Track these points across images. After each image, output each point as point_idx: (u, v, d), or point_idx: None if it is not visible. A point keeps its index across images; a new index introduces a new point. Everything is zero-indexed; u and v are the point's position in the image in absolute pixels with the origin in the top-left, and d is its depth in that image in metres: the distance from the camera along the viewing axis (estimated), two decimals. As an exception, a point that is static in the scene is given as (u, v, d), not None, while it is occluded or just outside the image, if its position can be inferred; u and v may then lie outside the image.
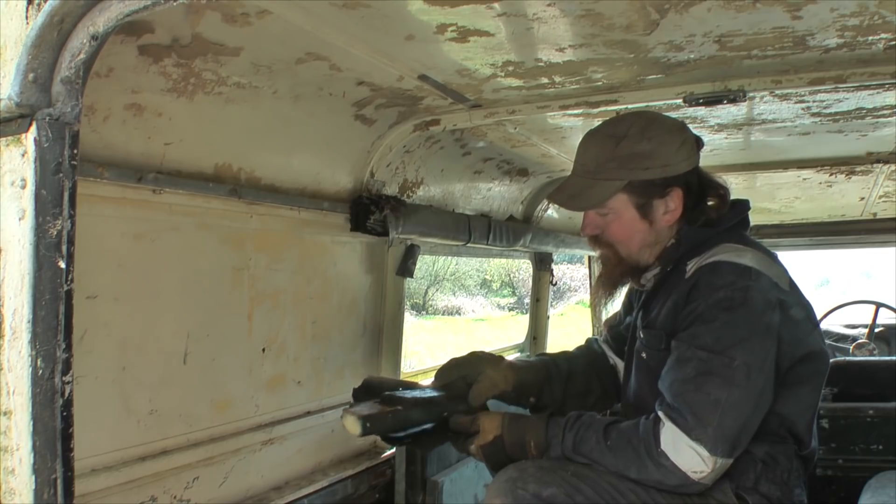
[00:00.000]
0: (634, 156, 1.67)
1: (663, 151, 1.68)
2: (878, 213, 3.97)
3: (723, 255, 1.63)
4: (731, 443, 1.52)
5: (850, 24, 1.42)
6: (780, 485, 1.66)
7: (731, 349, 1.52)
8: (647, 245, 1.76)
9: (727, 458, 1.53)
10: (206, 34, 1.36)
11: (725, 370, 1.51)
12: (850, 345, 4.98)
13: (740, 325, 1.54)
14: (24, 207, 0.96)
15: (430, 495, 2.43)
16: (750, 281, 1.57)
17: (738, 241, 1.68)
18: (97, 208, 1.45)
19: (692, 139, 1.75)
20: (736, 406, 1.51)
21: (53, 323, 0.96)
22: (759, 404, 1.56)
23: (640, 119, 1.73)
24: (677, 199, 1.70)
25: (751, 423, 1.56)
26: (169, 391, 1.66)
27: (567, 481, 1.59)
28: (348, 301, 2.31)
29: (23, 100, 0.96)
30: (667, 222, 1.72)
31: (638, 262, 1.78)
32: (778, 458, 1.66)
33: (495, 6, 1.31)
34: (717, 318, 1.55)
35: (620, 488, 1.58)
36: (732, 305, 1.55)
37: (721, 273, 1.60)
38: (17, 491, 0.96)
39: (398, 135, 2.15)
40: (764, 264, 1.62)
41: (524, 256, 3.76)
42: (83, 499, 1.44)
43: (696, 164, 1.74)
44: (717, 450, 1.50)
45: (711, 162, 2.92)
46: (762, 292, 1.57)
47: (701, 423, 1.50)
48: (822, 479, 2.76)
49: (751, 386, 1.52)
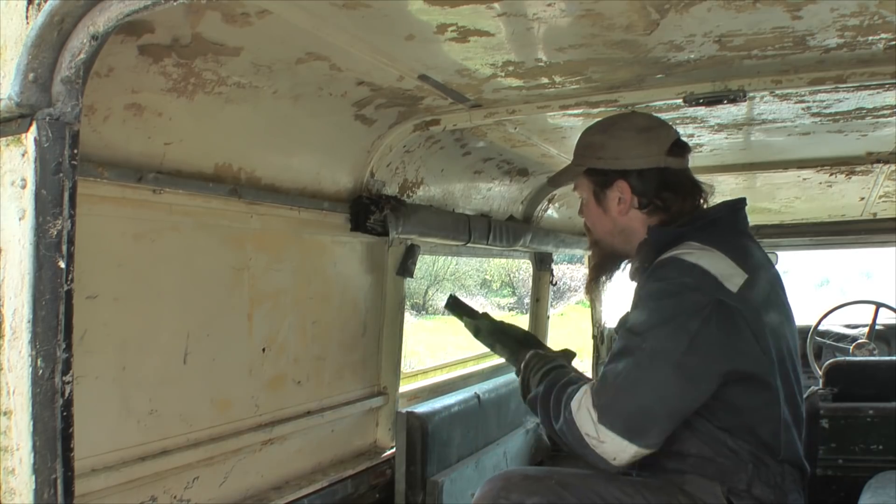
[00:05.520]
0: (591, 145, 1.85)
1: (615, 145, 1.79)
2: (878, 213, 3.97)
3: (675, 252, 1.65)
4: (623, 420, 1.52)
5: (850, 24, 1.42)
6: (774, 488, 1.64)
7: (646, 332, 1.56)
8: (609, 233, 1.87)
9: (622, 438, 1.52)
10: (206, 34, 1.36)
11: (636, 350, 1.56)
12: (850, 345, 4.98)
13: (660, 313, 1.58)
14: (24, 207, 0.96)
15: (430, 495, 2.43)
16: (689, 277, 1.58)
17: (704, 240, 1.66)
18: (97, 208, 1.45)
19: (662, 141, 1.78)
20: (634, 385, 1.54)
21: (53, 323, 0.96)
22: (662, 393, 1.54)
23: (617, 116, 1.88)
24: (626, 191, 1.79)
25: (654, 411, 1.54)
26: (169, 391, 1.66)
27: (551, 490, 1.62)
28: (348, 301, 2.31)
29: (23, 100, 0.96)
30: (620, 213, 1.81)
31: (612, 248, 1.90)
32: (766, 460, 1.64)
33: (495, 6, 1.31)
34: (645, 305, 1.61)
35: (604, 495, 1.59)
36: (661, 296, 1.60)
37: (665, 268, 1.63)
38: (17, 491, 0.96)
39: (398, 135, 2.15)
40: (715, 265, 1.59)
41: (524, 256, 3.76)
42: (83, 499, 1.44)
43: (659, 164, 1.77)
44: (606, 421, 1.52)
45: (711, 162, 2.92)
46: (698, 290, 1.57)
47: (603, 390, 1.57)
48: (822, 479, 2.76)
49: (653, 371, 1.53)
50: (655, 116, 1.89)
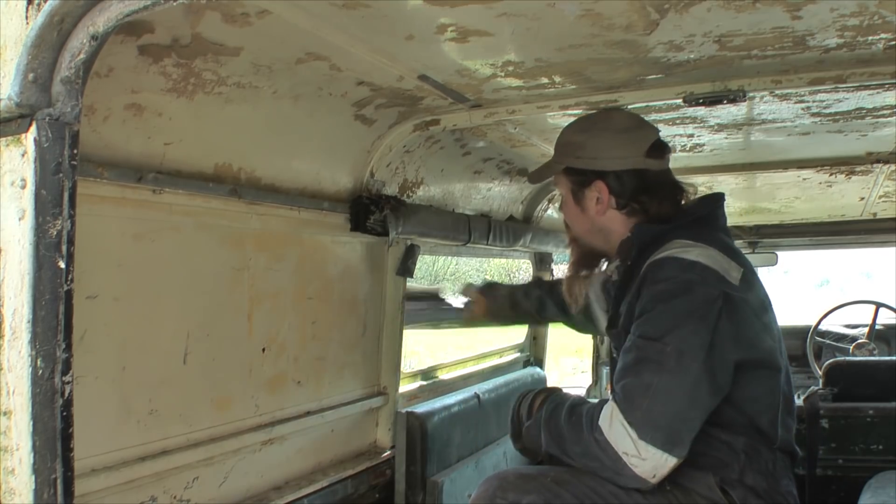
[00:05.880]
0: (570, 144, 1.86)
1: (594, 145, 1.80)
2: (878, 213, 3.97)
3: (670, 251, 1.65)
4: (663, 431, 1.51)
5: (850, 24, 1.42)
6: (766, 475, 1.65)
7: (666, 335, 1.55)
8: (587, 232, 1.88)
9: (662, 451, 1.51)
10: (206, 34, 1.36)
11: (658, 355, 1.54)
12: (850, 345, 4.99)
13: (676, 313, 1.56)
14: (24, 207, 0.96)
15: (430, 495, 2.43)
16: (693, 274, 1.59)
17: (691, 237, 1.68)
18: (97, 208, 1.45)
19: (641, 143, 1.79)
20: (666, 390, 1.52)
21: (53, 323, 0.96)
22: (694, 394, 1.53)
23: (599, 114, 1.89)
24: (603, 192, 1.80)
25: (689, 415, 1.53)
26: (169, 391, 1.66)
27: (547, 488, 1.62)
28: (348, 301, 2.31)
29: (23, 100, 0.96)
30: (598, 212, 1.82)
31: (591, 246, 1.91)
32: (759, 449, 1.66)
33: (495, 6, 1.31)
34: (655, 308, 1.59)
35: (601, 492, 1.59)
36: (671, 296, 1.58)
37: (665, 268, 1.63)
38: (17, 491, 0.96)
39: (398, 135, 2.15)
40: (713, 259, 1.62)
41: (524, 256, 3.75)
42: (83, 499, 1.44)
43: (638, 166, 1.78)
44: (647, 435, 1.50)
45: (711, 162, 2.92)
46: (704, 285, 1.58)
47: (632, 405, 1.53)
48: (822, 479, 2.76)
49: (682, 371, 1.52)
50: (637, 116, 1.90)
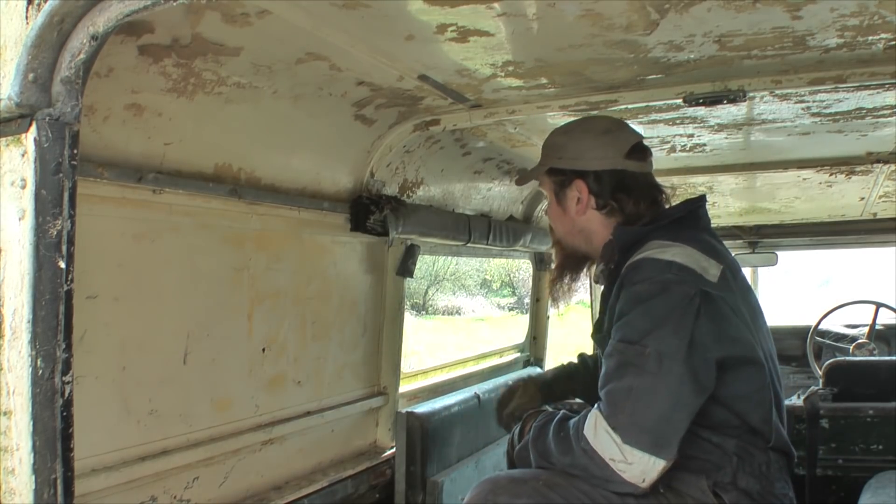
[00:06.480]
0: (553, 146, 1.90)
1: (575, 146, 1.84)
2: (878, 213, 3.97)
3: (647, 253, 1.65)
4: (649, 434, 1.50)
5: (850, 24, 1.42)
6: (760, 477, 1.65)
7: (645, 338, 1.54)
8: (569, 233, 1.90)
9: (649, 454, 1.50)
10: (206, 34, 1.36)
11: (639, 359, 1.53)
12: (850, 345, 4.98)
13: (654, 315, 1.56)
14: (24, 207, 0.96)
15: (430, 495, 2.43)
16: (669, 274, 1.59)
17: (669, 238, 1.68)
18: (97, 208, 1.45)
19: (621, 144, 1.81)
20: (649, 393, 1.51)
21: (53, 323, 0.96)
22: (678, 395, 1.52)
23: (583, 118, 1.93)
24: (583, 191, 1.82)
25: (674, 417, 1.52)
26: (169, 391, 1.66)
27: (538, 491, 1.61)
28: (348, 301, 2.31)
29: (23, 100, 0.96)
30: (578, 212, 1.85)
31: (574, 248, 1.92)
32: (751, 450, 1.65)
33: (495, 6, 1.31)
34: (633, 311, 1.59)
35: (593, 496, 1.58)
36: (648, 297, 1.58)
37: (642, 269, 1.63)
38: (17, 491, 0.96)
39: (398, 135, 2.15)
40: (691, 258, 1.62)
41: (524, 256, 3.76)
42: (83, 499, 1.44)
43: (616, 166, 1.80)
44: (632, 439, 1.50)
45: (711, 162, 2.92)
46: (681, 284, 1.57)
47: (616, 410, 1.53)
48: (822, 479, 2.76)
49: (664, 373, 1.51)
50: (619, 120, 1.92)
